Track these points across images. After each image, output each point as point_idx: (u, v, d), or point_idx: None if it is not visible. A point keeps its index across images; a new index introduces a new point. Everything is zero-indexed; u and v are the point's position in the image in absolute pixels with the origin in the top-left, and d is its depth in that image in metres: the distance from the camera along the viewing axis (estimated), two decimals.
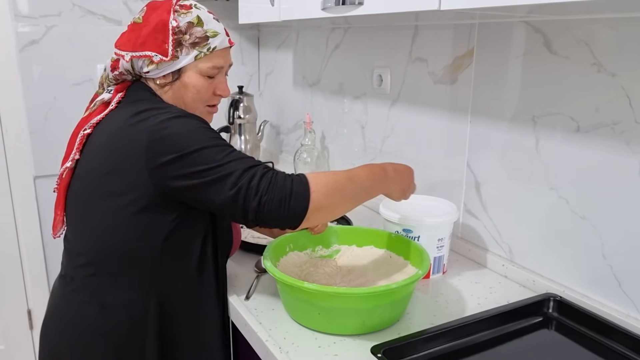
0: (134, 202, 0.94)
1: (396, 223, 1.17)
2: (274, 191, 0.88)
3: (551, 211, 1.11)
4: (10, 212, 2.07)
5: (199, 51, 1.01)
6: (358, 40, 1.69)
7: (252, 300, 1.08)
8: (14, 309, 2.15)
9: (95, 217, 0.98)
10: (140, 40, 1.00)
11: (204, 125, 0.95)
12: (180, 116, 0.94)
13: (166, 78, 1.02)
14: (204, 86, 1.04)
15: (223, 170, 0.89)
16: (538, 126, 1.12)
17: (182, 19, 1.00)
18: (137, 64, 1.01)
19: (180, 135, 0.91)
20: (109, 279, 0.99)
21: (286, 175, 0.91)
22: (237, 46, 2.33)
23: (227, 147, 0.92)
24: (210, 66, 1.03)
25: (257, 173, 0.89)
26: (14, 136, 2.01)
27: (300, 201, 0.89)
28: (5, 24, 1.92)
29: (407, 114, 1.50)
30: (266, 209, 0.88)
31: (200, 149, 0.89)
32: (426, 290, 1.14)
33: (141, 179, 0.92)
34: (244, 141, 2.15)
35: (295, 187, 0.89)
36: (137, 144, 0.91)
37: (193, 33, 1.00)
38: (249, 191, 0.88)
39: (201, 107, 1.07)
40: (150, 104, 0.98)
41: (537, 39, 1.10)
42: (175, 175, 0.90)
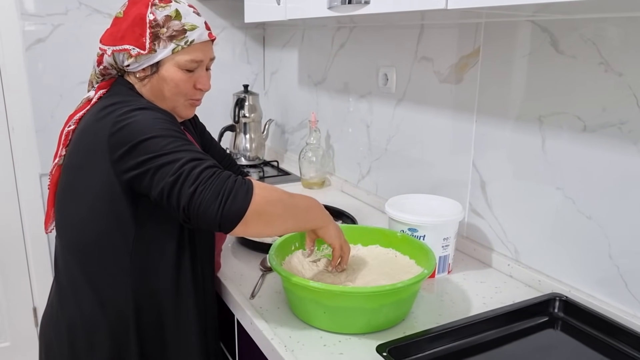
0: (103, 197, 0.95)
1: (402, 222, 1.17)
2: (213, 184, 0.84)
3: (557, 211, 1.11)
4: (16, 209, 2.08)
5: (176, 44, 1.00)
6: (363, 39, 1.69)
7: (258, 299, 1.08)
8: (19, 307, 2.16)
9: (73, 213, 1.01)
10: (120, 34, 1.00)
11: (165, 117, 0.95)
12: (141, 108, 0.94)
13: (145, 71, 1.02)
14: (182, 80, 1.03)
15: (168, 157, 0.87)
16: (544, 125, 1.11)
17: (160, 12, 1.00)
18: (118, 58, 1.02)
19: (136, 127, 0.90)
20: (88, 276, 1.00)
21: (230, 174, 0.88)
22: (242, 45, 2.34)
23: (179, 139, 0.90)
24: (188, 59, 1.02)
25: (201, 164, 0.86)
26: (21, 134, 2.02)
27: (240, 200, 0.84)
28: (12, 23, 1.92)
29: (413, 113, 1.50)
30: (200, 200, 0.83)
31: (150, 137, 0.89)
32: (431, 290, 1.14)
33: (107, 173, 0.93)
34: (249, 140, 2.15)
35: (238, 185, 0.85)
36: (101, 139, 0.93)
37: (171, 26, 1.00)
38: (188, 178, 0.84)
39: (181, 100, 1.06)
40: (120, 98, 0.99)
41: (544, 38, 1.09)
42: (128, 167, 0.91)
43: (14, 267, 2.12)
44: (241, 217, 0.85)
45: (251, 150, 2.16)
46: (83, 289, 1.00)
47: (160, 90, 1.04)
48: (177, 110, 1.07)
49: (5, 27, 1.92)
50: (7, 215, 2.07)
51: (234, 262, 1.26)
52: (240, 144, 2.16)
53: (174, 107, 1.06)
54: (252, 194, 0.86)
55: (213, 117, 2.29)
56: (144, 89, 1.05)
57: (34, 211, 2.09)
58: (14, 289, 2.14)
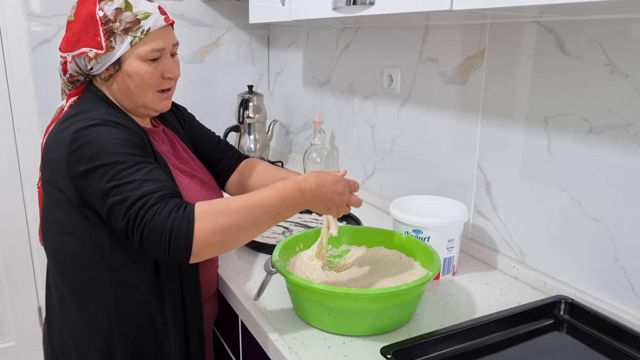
0: (72, 211, 0.95)
1: (406, 223, 1.16)
2: (155, 228, 0.83)
3: (563, 213, 1.10)
4: (21, 209, 2.09)
5: (132, 36, 0.97)
6: (368, 40, 1.69)
7: (262, 300, 1.08)
8: (25, 307, 2.17)
9: (49, 227, 1.01)
10: (75, 38, 0.97)
11: (121, 135, 0.92)
12: (98, 124, 0.91)
13: (109, 70, 0.99)
14: (147, 72, 1.00)
15: (121, 194, 0.86)
16: (550, 127, 1.11)
17: (109, 6, 0.97)
18: (80, 63, 0.99)
19: (92, 147, 0.89)
20: (71, 288, 1.00)
21: (172, 210, 0.84)
22: (247, 45, 2.34)
23: (133, 166, 0.88)
24: (149, 50, 0.99)
25: (147, 203, 0.85)
26: (26, 134, 2.03)
27: (180, 242, 0.83)
28: (18, 23, 1.93)
29: (418, 114, 1.49)
30: (148, 245, 0.85)
31: (102, 165, 0.88)
32: (436, 291, 1.14)
33: (70, 190, 0.93)
34: (253, 140, 2.16)
35: (177, 225, 0.82)
36: (59, 155, 0.92)
37: (123, 19, 0.96)
38: (135, 224, 0.85)
39: (150, 94, 1.03)
40: (83, 107, 0.97)
41: (550, 39, 1.09)
42: (85, 192, 0.91)
43: (19, 267, 2.13)
44: (188, 256, 0.84)
45: (255, 151, 2.16)
46: (67, 300, 1.00)
47: (127, 87, 1.01)
48: (150, 104, 1.04)
49: (11, 27, 1.93)
50: (12, 215, 2.08)
51: (238, 262, 1.26)
52: (244, 144, 2.16)
53: (144, 103, 1.03)
54: (193, 231, 0.83)
55: (218, 117, 2.30)
56: (112, 90, 1.02)
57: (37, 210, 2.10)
58: (19, 288, 2.15)
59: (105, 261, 0.96)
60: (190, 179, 1.11)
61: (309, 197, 0.93)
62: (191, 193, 1.06)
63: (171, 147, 1.15)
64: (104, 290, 0.98)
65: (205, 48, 2.26)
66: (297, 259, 1.10)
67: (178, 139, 1.18)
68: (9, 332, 2.17)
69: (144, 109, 1.05)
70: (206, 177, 1.18)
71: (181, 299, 1.04)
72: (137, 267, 0.98)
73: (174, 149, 1.15)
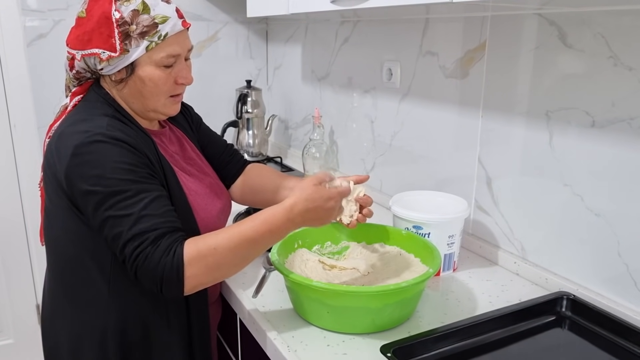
0: (72, 220, 0.93)
1: (406, 219, 1.15)
2: (146, 272, 0.85)
3: (565, 208, 1.09)
4: (18, 206, 2.08)
5: (149, 41, 0.93)
6: (368, 33, 1.67)
7: (260, 298, 1.06)
8: (23, 304, 2.16)
9: (50, 231, 0.99)
10: (86, 37, 0.93)
11: (123, 157, 0.89)
12: (100, 141, 0.88)
13: (121, 73, 0.95)
14: (161, 78, 0.96)
15: (118, 226, 0.85)
16: (552, 121, 1.09)
17: (126, 7, 0.92)
18: (89, 62, 0.95)
19: (93, 167, 0.87)
20: (68, 294, 0.98)
21: (162, 255, 0.84)
22: (245, 40, 2.32)
23: (132, 196, 0.86)
24: (164, 55, 0.95)
25: (140, 245, 0.85)
26: (22, 131, 2.01)
27: (172, 288, 0.85)
28: (14, 18, 1.91)
29: (418, 108, 1.48)
30: (142, 282, 0.87)
31: (108, 193, 0.86)
32: (436, 288, 1.13)
33: (70, 202, 0.91)
34: (252, 136, 2.14)
35: (167, 273, 0.84)
36: (60, 167, 0.89)
37: (140, 22, 0.92)
38: (129, 263, 0.86)
39: (163, 99, 1.00)
40: (84, 114, 0.95)
41: (552, 31, 1.07)
42: (84, 207, 0.89)
43: (17, 264, 2.12)
44: (180, 296, 0.87)
45: (254, 146, 2.15)
46: (63, 301, 0.99)
47: (139, 92, 0.97)
48: (161, 109, 1.02)
49: (7, 22, 1.91)
50: (9, 212, 2.07)
51: None
52: (243, 139, 2.14)
53: (155, 108, 1.01)
54: (183, 278, 0.84)
55: (216, 112, 2.28)
56: (122, 92, 0.99)
57: (36, 208, 2.08)
58: (17, 285, 2.14)
59: (104, 267, 0.94)
60: (199, 182, 1.08)
61: (299, 221, 0.92)
62: (199, 198, 1.05)
63: (179, 147, 1.12)
64: (101, 294, 0.96)
65: (203, 42, 2.24)
66: (296, 256, 1.09)
67: (187, 138, 1.16)
68: (7, 330, 2.16)
69: (154, 113, 1.02)
70: (214, 178, 1.16)
71: (185, 304, 1.02)
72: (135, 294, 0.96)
73: (182, 149, 1.13)
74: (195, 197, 1.04)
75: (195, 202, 1.03)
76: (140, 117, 1.03)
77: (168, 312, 1.00)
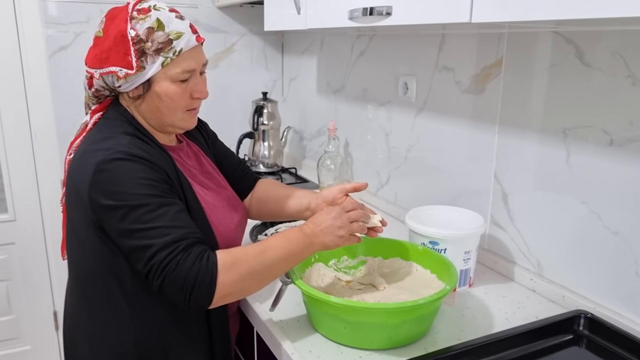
0: (92, 237, 0.95)
1: (422, 235, 1.15)
2: (177, 278, 0.86)
3: (582, 225, 1.09)
4: (38, 214, 2.11)
5: (164, 57, 0.95)
6: (384, 47, 1.68)
7: (277, 311, 1.07)
8: (40, 311, 2.19)
9: (72, 247, 1.01)
10: (104, 56, 0.96)
11: (144, 174, 0.91)
12: (121, 159, 0.90)
13: (138, 90, 0.98)
14: (177, 93, 0.99)
15: (144, 239, 0.87)
16: (569, 138, 1.09)
17: (141, 25, 0.94)
18: (108, 80, 0.98)
19: (115, 184, 0.89)
20: (90, 309, 1.00)
21: (195, 260, 0.87)
22: (261, 51, 2.34)
23: (157, 208, 0.89)
24: (180, 71, 0.97)
25: (171, 253, 0.86)
26: (43, 140, 2.05)
27: (202, 293, 0.87)
28: (36, 30, 1.95)
29: (433, 123, 1.49)
30: (168, 291, 0.88)
31: (130, 207, 0.88)
32: (452, 304, 1.13)
33: (91, 219, 0.93)
34: (267, 147, 2.16)
35: (200, 277, 0.86)
36: (82, 184, 0.91)
37: (155, 39, 0.94)
38: (157, 271, 0.87)
39: (179, 114, 1.02)
40: (105, 132, 0.97)
41: (569, 50, 1.07)
42: (108, 223, 0.91)
43: (36, 272, 2.15)
44: (208, 304, 0.89)
45: (269, 157, 2.16)
46: (85, 320, 1.01)
47: (156, 108, 1.00)
48: (178, 123, 1.04)
49: (30, 34, 1.95)
50: (29, 220, 2.10)
51: None
52: (258, 151, 2.16)
53: (172, 122, 1.03)
54: (216, 283, 0.87)
55: (232, 122, 2.30)
56: (140, 109, 1.01)
57: (55, 217, 2.12)
58: (36, 294, 2.17)
59: (123, 283, 0.96)
60: (216, 195, 1.11)
61: (311, 235, 0.97)
62: (217, 212, 1.07)
63: (197, 161, 1.15)
64: (121, 309, 0.97)
65: (219, 54, 2.26)
66: (313, 271, 1.10)
67: (203, 153, 1.18)
68: (24, 336, 2.19)
69: (172, 127, 1.05)
70: (231, 191, 1.18)
71: (207, 318, 1.04)
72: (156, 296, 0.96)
73: (200, 164, 1.15)
74: (213, 211, 1.06)
75: (214, 216, 1.05)
76: (158, 133, 1.06)
77: (189, 327, 1.01)
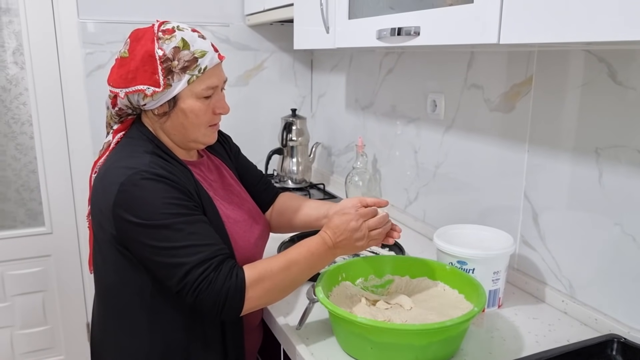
0: (114, 251, 0.99)
1: (450, 254, 1.15)
2: (210, 295, 0.92)
3: (615, 247, 1.06)
4: (73, 228, 2.17)
5: (190, 74, 0.99)
6: (412, 64, 1.69)
7: (304, 329, 1.08)
8: (74, 322, 2.25)
9: (96, 260, 1.06)
10: (131, 76, 0.99)
11: (168, 193, 0.95)
12: (145, 179, 0.94)
13: (163, 107, 1.01)
14: (201, 109, 1.03)
15: (176, 257, 0.92)
16: (601, 158, 1.07)
17: (167, 45, 0.98)
18: (133, 99, 1.01)
19: (140, 204, 0.93)
20: (113, 321, 1.04)
21: (226, 278, 0.92)
22: (290, 68, 2.38)
23: (186, 226, 0.93)
24: (204, 87, 1.02)
25: (204, 271, 0.92)
26: (80, 156, 2.12)
27: (233, 308, 0.93)
28: (75, 49, 2.03)
29: (462, 141, 1.48)
30: (201, 306, 0.93)
31: (160, 226, 0.92)
32: (481, 325, 1.12)
33: (114, 236, 0.97)
34: (296, 163, 2.18)
35: (231, 295, 0.92)
36: (106, 203, 0.95)
37: (181, 57, 0.98)
38: (192, 289, 0.92)
39: (203, 129, 1.06)
40: (127, 151, 1.01)
41: (601, 68, 1.06)
42: (132, 238, 0.94)
43: (70, 283, 2.21)
44: (238, 316, 0.96)
45: (298, 173, 2.18)
46: (109, 332, 1.06)
47: (181, 124, 1.04)
48: (200, 139, 1.07)
49: (70, 53, 2.03)
50: (64, 233, 2.17)
51: None
52: (287, 166, 2.18)
53: (196, 138, 1.07)
54: (245, 299, 0.93)
55: (261, 138, 2.34)
56: (165, 126, 1.05)
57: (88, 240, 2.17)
58: (69, 304, 2.23)
59: (144, 296, 1.00)
60: (237, 209, 1.14)
61: (332, 247, 1.03)
62: (237, 226, 1.09)
63: (218, 175, 1.18)
64: (140, 323, 1.01)
65: (250, 71, 2.31)
66: (340, 289, 1.10)
67: (225, 166, 1.21)
68: (58, 346, 2.25)
69: (194, 143, 1.08)
70: (252, 204, 1.21)
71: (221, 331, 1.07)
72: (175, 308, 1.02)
73: (221, 177, 1.18)
74: (233, 225, 1.08)
75: (234, 230, 1.08)
76: (179, 149, 1.09)
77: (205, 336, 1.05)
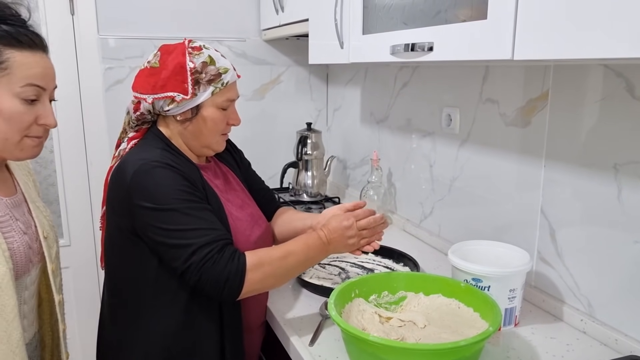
0: (125, 242, 1.07)
1: (465, 271, 1.13)
2: (213, 275, 0.98)
3: (636, 265, 1.04)
4: (91, 239, 2.20)
5: (214, 87, 1.11)
6: (427, 78, 1.68)
7: (317, 346, 1.07)
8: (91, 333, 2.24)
9: (108, 254, 1.15)
10: (161, 83, 1.09)
11: (180, 180, 1.03)
12: (157, 167, 1.03)
13: (186, 114, 1.12)
14: (219, 118, 1.14)
15: (184, 238, 0.99)
16: (620, 174, 1.05)
17: (197, 59, 1.10)
18: (158, 104, 1.11)
19: (154, 188, 1.01)
20: (123, 311, 1.12)
21: (228, 260, 0.99)
22: (306, 82, 2.39)
23: (194, 211, 1.01)
24: (224, 99, 1.14)
25: (210, 252, 0.98)
26: (98, 169, 2.14)
27: (232, 290, 0.99)
28: (95, 65, 2.07)
29: (477, 155, 1.46)
30: (202, 287, 1.00)
31: (170, 209, 1.00)
32: (497, 343, 1.09)
33: (125, 222, 1.05)
34: (311, 177, 2.18)
35: (232, 276, 0.98)
36: (121, 190, 1.04)
37: (208, 71, 1.10)
38: (196, 269, 0.98)
39: (217, 137, 1.17)
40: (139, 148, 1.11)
41: (619, 83, 1.04)
42: (146, 223, 1.02)
43: (88, 295, 2.23)
44: (237, 298, 1.01)
45: (313, 187, 2.18)
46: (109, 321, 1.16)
47: (199, 130, 1.14)
48: (213, 145, 1.18)
49: (90, 68, 2.06)
50: (83, 246, 2.19)
51: (294, 304, 1.27)
52: (302, 180, 2.18)
53: (209, 144, 1.17)
54: (244, 280, 1.00)
55: (277, 151, 2.35)
56: (186, 131, 1.14)
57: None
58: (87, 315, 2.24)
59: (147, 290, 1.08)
60: (241, 210, 1.21)
61: (326, 243, 1.11)
62: (239, 223, 1.17)
63: (224, 180, 1.25)
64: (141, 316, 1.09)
65: (266, 85, 2.32)
66: (353, 306, 1.09)
67: (232, 173, 1.30)
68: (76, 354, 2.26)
69: (207, 149, 1.19)
70: (255, 209, 1.27)
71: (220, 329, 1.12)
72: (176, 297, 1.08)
73: (227, 182, 1.26)
74: (235, 222, 1.15)
75: (235, 226, 1.14)
76: (191, 153, 1.19)
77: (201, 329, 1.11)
